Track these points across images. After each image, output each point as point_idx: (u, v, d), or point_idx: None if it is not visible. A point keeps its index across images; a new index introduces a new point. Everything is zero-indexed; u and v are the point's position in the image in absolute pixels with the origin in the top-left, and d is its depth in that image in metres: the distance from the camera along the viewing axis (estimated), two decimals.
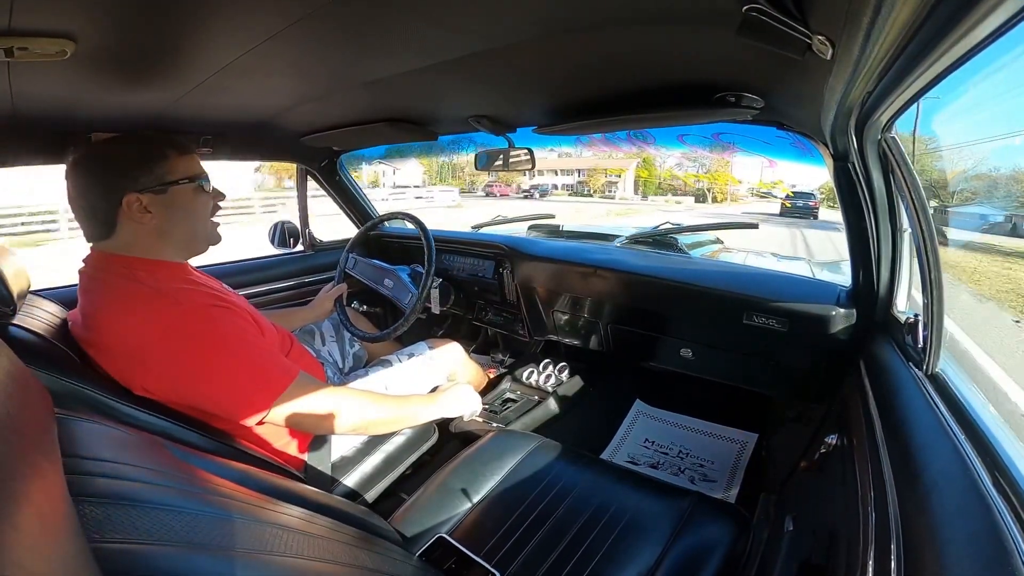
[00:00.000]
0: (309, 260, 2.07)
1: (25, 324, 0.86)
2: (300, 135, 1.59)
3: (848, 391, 1.03)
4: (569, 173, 32.22)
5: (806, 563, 0.78)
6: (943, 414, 0.66)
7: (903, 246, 1.04)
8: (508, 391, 1.83)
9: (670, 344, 1.56)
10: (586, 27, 0.73)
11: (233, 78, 0.93)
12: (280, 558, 0.49)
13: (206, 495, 0.52)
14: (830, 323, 1.18)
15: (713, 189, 31.97)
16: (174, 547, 0.41)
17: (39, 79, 0.84)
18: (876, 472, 0.67)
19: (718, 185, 32.19)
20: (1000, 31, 0.44)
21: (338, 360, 1.53)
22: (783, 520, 0.93)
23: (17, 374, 0.44)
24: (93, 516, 0.38)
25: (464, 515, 0.97)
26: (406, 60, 0.89)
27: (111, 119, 1.16)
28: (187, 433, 0.86)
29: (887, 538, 0.54)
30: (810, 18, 0.55)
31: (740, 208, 26.63)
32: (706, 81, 0.94)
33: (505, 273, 1.83)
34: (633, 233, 2.00)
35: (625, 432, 1.75)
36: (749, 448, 1.61)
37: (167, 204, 0.93)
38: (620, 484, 1.03)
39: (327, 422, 0.97)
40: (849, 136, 0.87)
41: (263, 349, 0.95)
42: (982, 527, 0.45)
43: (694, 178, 32.81)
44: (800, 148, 1.21)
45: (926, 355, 0.81)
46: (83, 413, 0.54)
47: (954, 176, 2.78)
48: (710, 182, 32.16)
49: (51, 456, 0.41)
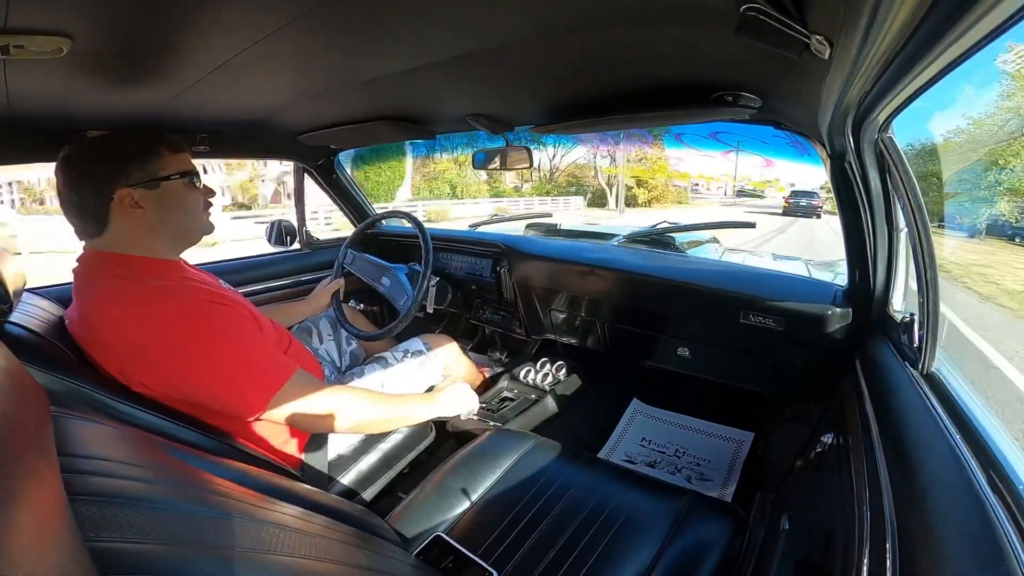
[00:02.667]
0: (306, 258, 2.06)
1: (21, 322, 0.86)
2: (297, 133, 1.58)
3: (844, 390, 1.04)
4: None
5: (803, 562, 0.79)
6: (939, 413, 0.67)
7: (899, 245, 1.04)
8: (505, 390, 1.83)
9: (667, 343, 1.56)
10: (583, 26, 0.73)
11: (230, 76, 0.93)
12: (277, 557, 0.49)
13: (203, 494, 0.52)
14: (826, 322, 1.19)
15: (629, 187, 25.03)
16: (171, 546, 0.41)
17: (35, 77, 0.83)
18: (872, 471, 0.67)
19: (646, 182, 25.50)
20: (997, 31, 0.44)
21: (335, 358, 1.52)
22: (779, 519, 0.93)
23: (13, 372, 0.44)
24: (90, 515, 0.38)
25: (461, 514, 0.97)
26: (404, 59, 0.89)
27: (108, 117, 1.15)
28: (184, 432, 0.85)
29: (883, 537, 0.54)
30: (808, 18, 0.55)
31: (671, 212, 22.21)
32: (704, 80, 0.94)
33: (502, 272, 1.83)
34: (631, 232, 2.01)
35: (622, 431, 1.75)
36: (746, 447, 1.62)
37: (159, 199, 0.93)
38: (617, 483, 1.04)
39: (324, 420, 0.97)
40: (846, 136, 0.87)
41: (261, 345, 0.95)
42: (977, 526, 0.45)
43: (609, 173, 25.39)
44: (797, 147, 1.22)
45: (922, 354, 0.81)
46: (80, 411, 0.54)
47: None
48: (637, 177, 25.38)
49: (47, 455, 0.41)
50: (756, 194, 25.42)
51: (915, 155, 1.12)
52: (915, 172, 0.84)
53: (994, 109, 2.32)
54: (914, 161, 0.81)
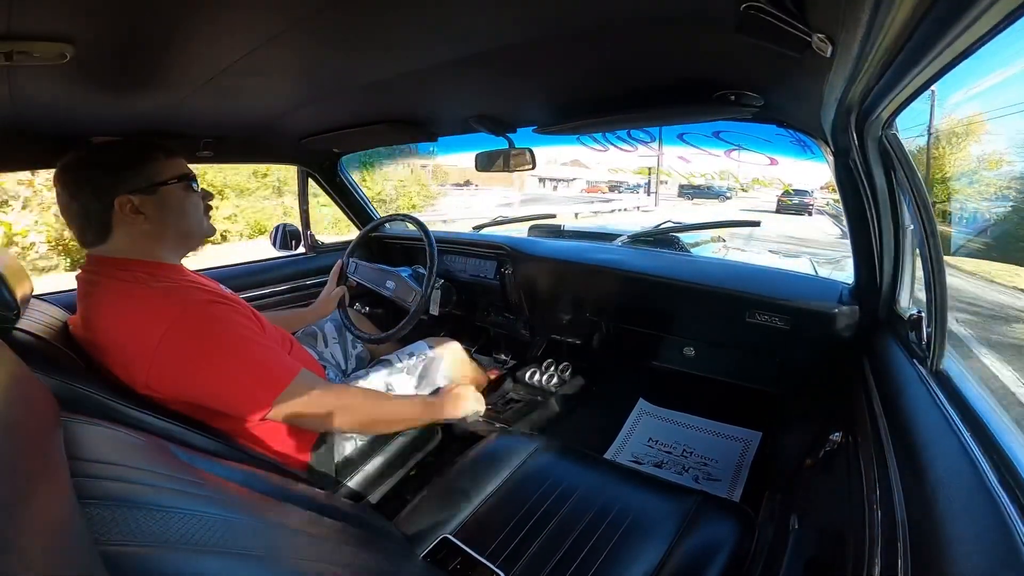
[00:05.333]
0: (310, 262, 2.07)
1: (29, 328, 0.87)
2: (300, 137, 1.59)
3: (852, 388, 1.03)
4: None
5: (812, 562, 0.78)
6: (948, 411, 0.66)
7: (905, 243, 1.03)
8: (511, 392, 1.83)
9: (673, 343, 1.55)
10: (585, 27, 0.73)
11: (233, 81, 0.93)
12: (285, 560, 0.49)
13: (211, 497, 0.52)
14: (833, 320, 1.18)
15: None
16: (180, 550, 0.41)
17: (39, 83, 0.84)
18: (882, 470, 0.66)
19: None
20: (999, 27, 0.44)
21: (341, 361, 1.53)
22: (788, 519, 0.93)
23: (21, 378, 0.44)
24: (99, 519, 0.38)
25: (468, 516, 0.97)
26: (406, 61, 0.89)
27: (112, 122, 1.16)
28: (192, 435, 0.86)
29: (894, 536, 0.54)
30: (809, 16, 0.55)
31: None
32: (706, 80, 0.93)
33: (507, 273, 1.83)
34: (635, 232, 2.00)
35: (628, 431, 1.75)
36: (753, 446, 1.61)
37: (159, 204, 0.94)
38: (624, 484, 1.03)
39: (329, 420, 0.97)
40: (850, 133, 0.87)
41: (265, 346, 0.95)
42: (990, 525, 0.45)
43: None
44: (800, 145, 1.21)
45: (930, 352, 0.81)
46: (88, 416, 0.55)
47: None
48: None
49: (57, 459, 0.41)
50: (704, 190, 23.61)
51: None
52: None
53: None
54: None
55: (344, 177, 2.07)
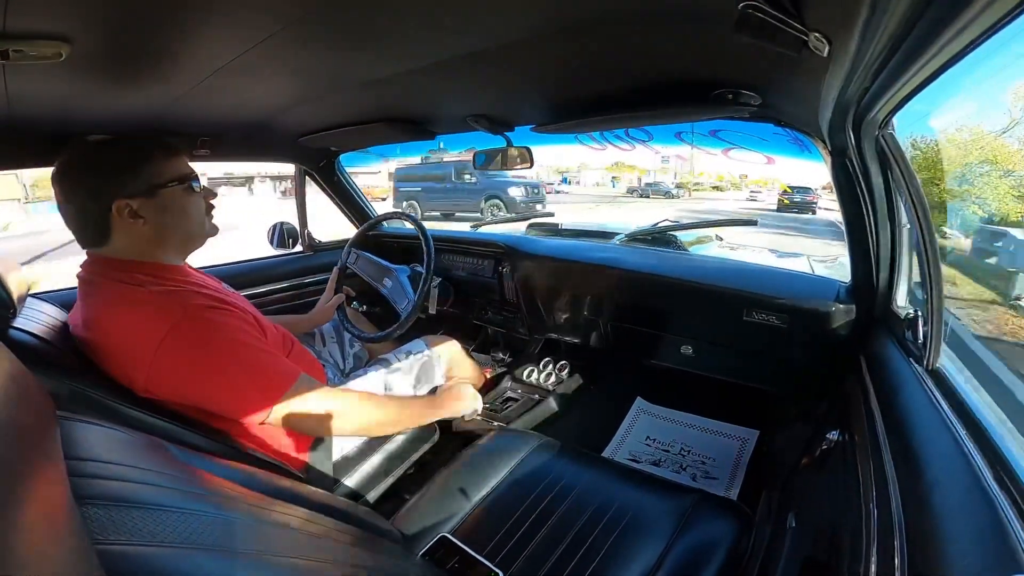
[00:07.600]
0: (308, 261, 2.07)
1: (26, 327, 0.86)
2: (298, 136, 1.58)
3: (849, 387, 1.03)
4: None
5: (809, 560, 0.79)
6: (944, 410, 0.66)
7: (902, 241, 1.04)
8: (508, 390, 1.83)
9: (670, 341, 1.56)
10: (583, 25, 0.72)
11: (230, 79, 0.93)
12: (283, 559, 0.49)
13: (209, 496, 0.52)
14: (830, 319, 1.19)
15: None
16: (177, 548, 0.41)
17: (35, 81, 0.83)
18: (878, 468, 0.67)
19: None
20: (996, 27, 0.44)
21: (339, 361, 1.53)
22: (786, 517, 0.93)
23: (18, 376, 0.44)
24: (96, 518, 0.38)
25: (466, 514, 0.97)
26: (403, 60, 0.89)
27: (108, 121, 1.16)
28: (189, 435, 0.86)
29: (890, 534, 0.54)
30: (806, 15, 0.55)
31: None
32: (703, 78, 0.93)
33: (504, 272, 1.83)
34: (632, 231, 2.00)
35: (626, 430, 1.75)
36: (751, 445, 1.61)
37: (158, 208, 0.92)
38: (622, 482, 1.04)
39: (328, 424, 0.97)
40: (847, 132, 0.87)
41: (264, 351, 0.95)
42: (985, 523, 0.45)
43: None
44: (797, 144, 1.21)
45: (926, 351, 0.81)
46: (85, 415, 0.54)
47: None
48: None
49: (54, 458, 0.41)
50: (661, 189, 23.10)
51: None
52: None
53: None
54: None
55: (342, 176, 2.07)
